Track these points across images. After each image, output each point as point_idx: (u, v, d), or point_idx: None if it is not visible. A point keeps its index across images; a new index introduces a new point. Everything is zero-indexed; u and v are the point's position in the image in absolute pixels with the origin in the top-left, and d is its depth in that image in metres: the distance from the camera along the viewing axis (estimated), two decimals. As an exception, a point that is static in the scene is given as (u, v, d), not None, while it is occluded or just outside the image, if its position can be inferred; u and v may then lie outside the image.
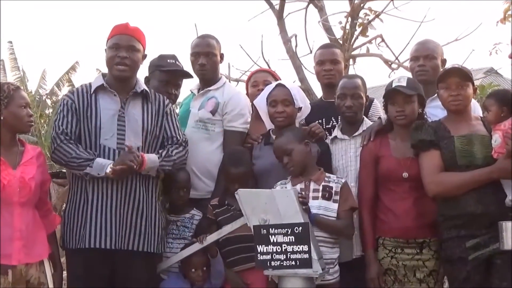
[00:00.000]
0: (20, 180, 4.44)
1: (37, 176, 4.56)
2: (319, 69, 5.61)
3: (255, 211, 4.28)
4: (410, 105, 4.68)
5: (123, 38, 4.77)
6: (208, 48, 5.42)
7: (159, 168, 4.76)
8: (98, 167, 4.59)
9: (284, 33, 8.94)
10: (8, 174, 4.42)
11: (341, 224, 4.63)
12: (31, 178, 4.50)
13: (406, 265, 4.59)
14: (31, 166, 4.57)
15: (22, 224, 4.42)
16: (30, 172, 4.52)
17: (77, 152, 4.64)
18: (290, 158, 4.68)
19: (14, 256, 4.36)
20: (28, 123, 4.53)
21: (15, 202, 4.41)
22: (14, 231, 4.39)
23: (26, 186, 4.46)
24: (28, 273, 4.43)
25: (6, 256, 4.34)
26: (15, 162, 4.51)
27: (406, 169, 4.65)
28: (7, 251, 4.35)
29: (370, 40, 8.84)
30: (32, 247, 4.47)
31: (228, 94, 5.38)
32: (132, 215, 4.67)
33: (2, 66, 24.27)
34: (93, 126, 4.71)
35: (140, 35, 4.87)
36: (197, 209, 5.16)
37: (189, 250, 4.77)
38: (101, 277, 4.64)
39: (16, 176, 4.44)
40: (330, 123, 5.35)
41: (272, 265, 4.21)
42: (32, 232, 4.49)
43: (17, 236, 4.39)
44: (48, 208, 4.78)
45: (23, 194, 4.44)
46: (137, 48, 4.79)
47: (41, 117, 20.65)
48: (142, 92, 4.86)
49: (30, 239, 4.46)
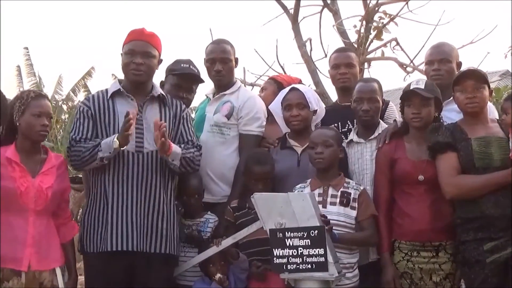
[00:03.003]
0: (37, 189, 4.46)
1: (56, 185, 4.57)
2: (334, 72, 5.61)
3: (271, 215, 4.28)
4: (426, 108, 4.68)
5: (138, 44, 4.78)
6: (223, 54, 5.42)
7: (182, 157, 4.74)
8: (106, 147, 4.60)
9: (299, 37, 8.93)
10: (26, 182, 4.44)
11: (365, 236, 4.67)
12: (48, 187, 4.51)
13: (422, 269, 4.58)
14: (51, 175, 4.58)
15: (35, 231, 4.44)
16: (49, 181, 4.54)
17: (85, 146, 4.67)
18: (325, 151, 4.68)
19: (24, 261, 4.38)
20: (39, 132, 4.51)
21: (30, 209, 4.43)
22: (28, 237, 4.41)
23: (42, 194, 4.47)
24: (41, 276, 4.45)
25: (16, 260, 4.36)
26: (35, 170, 4.53)
27: (421, 172, 4.64)
28: (18, 255, 4.37)
29: (385, 44, 8.81)
30: (45, 254, 4.49)
31: (243, 98, 5.39)
32: (152, 216, 4.69)
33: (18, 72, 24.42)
34: (111, 131, 4.72)
35: (156, 40, 4.88)
36: (212, 213, 5.16)
37: (205, 254, 4.76)
38: (120, 279, 4.64)
39: (34, 184, 4.46)
40: (346, 127, 5.35)
41: (288, 268, 4.20)
42: (46, 239, 4.51)
43: (30, 242, 4.41)
44: (67, 216, 4.80)
45: (39, 203, 4.46)
46: (152, 54, 4.80)
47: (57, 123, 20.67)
48: (159, 96, 4.87)
49: (43, 247, 4.47)
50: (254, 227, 4.50)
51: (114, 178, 4.68)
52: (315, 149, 4.71)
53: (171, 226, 4.77)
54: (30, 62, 24.50)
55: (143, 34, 4.84)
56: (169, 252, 4.74)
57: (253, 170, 4.92)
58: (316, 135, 4.80)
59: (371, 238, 4.71)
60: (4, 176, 4.41)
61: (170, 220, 4.77)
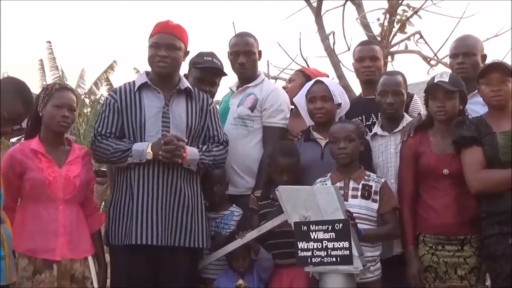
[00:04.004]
0: (65, 178, 4.51)
1: (82, 175, 4.62)
2: (359, 66, 5.61)
3: (295, 208, 4.27)
4: (451, 101, 4.65)
5: (163, 37, 4.78)
6: (246, 47, 5.43)
7: (199, 162, 4.77)
8: (137, 154, 4.64)
9: (322, 30, 8.91)
10: (53, 172, 4.49)
11: (389, 229, 4.67)
12: (76, 176, 4.56)
13: (447, 262, 4.56)
14: (77, 165, 4.63)
15: (66, 220, 4.49)
16: (75, 170, 4.59)
17: (114, 146, 4.70)
18: (348, 145, 4.68)
19: (58, 251, 4.42)
20: (59, 123, 4.53)
21: (59, 199, 4.48)
22: (59, 226, 4.45)
23: (70, 183, 4.52)
24: (72, 268, 4.49)
25: (50, 250, 4.41)
26: (61, 160, 4.58)
27: (446, 166, 4.62)
28: (51, 246, 4.42)
29: (408, 37, 8.76)
30: (77, 243, 4.53)
31: (266, 90, 5.39)
32: (178, 211, 4.69)
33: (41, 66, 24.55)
34: (138, 124, 4.75)
35: (182, 32, 4.87)
36: (236, 206, 5.17)
37: (230, 246, 4.77)
38: (145, 272, 4.67)
39: (61, 174, 4.51)
40: (370, 120, 5.36)
41: (313, 261, 4.20)
42: (77, 228, 4.56)
43: (61, 231, 4.46)
44: (94, 207, 4.85)
45: (67, 192, 4.51)
46: (177, 46, 4.80)
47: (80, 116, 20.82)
48: (186, 89, 4.88)
49: (74, 236, 4.52)
50: (278, 220, 4.50)
51: (139, 172, 4.69)
52: (338, 144, 4.70)
53: (197, 220, 4.77)
54: (53, 56, 24.63)
55: (168, 26, 4.84)
56: (194, 245, 4.75)
57: (279, 162, 4.91)
58: (337, 129, 4.78)
59: (394, 232, 4.71)
60: (31, 168, 4.47)
61: (195, 213, 4.77)
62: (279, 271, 4.85)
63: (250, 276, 4.85)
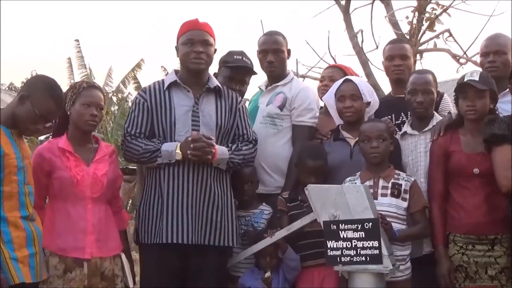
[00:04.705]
0: (92, 176, 4.53)
1: (110, 173, 4.64)
2: (388, 64, 5.58)
3: (324, 207, 4.27)
4: (481, 100, 4.61)
5: (197, 33, 4.80)
6: (275, 45, 5.42)
7: (229, 161, 4.78)
8: (166, 155, 4.66)
9: (350, 28, 8.88)
10: (81, 170, 4.51)
11: (419, 229, 4.66)
12: (103, 174, 4.58)
13: (477, 262, 4.53)
14: (104, 163, 4.65)
15: (94, 218, 4.51)
16: (103, 168, 4.60)
17: (143, 147, 4.72)
18: (380, 144, 4.67)
19: (87, 249, 4.45)
20: (87, 122, 4.54)
21: (87, 197, 4.50)
22: (87, 225, 4.48)
23: (98, 182, 4.54)
24: (102, 266, 4.51)
25: (79, 249, 4.44)
26: (88, 158, 4.60)
27: (477, 165, 4.59)
28: (80, 244, 4.44)
29: (437, 35, 8.71)
30: (106, 241, 4.56)
31: (296, 89, 5.39)
32: (207, 209, 4.71)
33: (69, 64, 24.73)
34: (168, 122, 4.77)
35: (211, 29, 4.89)
36: (266, 204, 5.18)
37: (259, 245, 4.78)
38: (174, 271, 4.69)
39: (89, 173, 4.53)
40: (400, 119, 5.33)
41: (342, 260, 4.20)
42: (105, 227, 4.58)
43: (90, 230, 4.48)
44: (119, 205, 4.88)
45: (95, 190, 4.53)
46: (210, 42, 4.82)
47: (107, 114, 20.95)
48: (215, 88, 4.89)
49: (103, 234, 4.55)
50: (307, 219, 4.51)
51: (169, 171, 4.71)
52: (370, 143, 4.69)
53: (226, 218, 4.78)
54: (81, 54, 24.84)
55: (199, 23, 4.86)
56: (223, 244, 4.76)
57: (306, 164, 4.91)
58: (369, 128, 4.77)
59: (424, 231, 4.70)
60: (59, 166, 4.49)
61: (225, 212, 4.78)
62: (310, 270, 4.85)
63: (276, 275, 4.85)
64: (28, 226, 4.16)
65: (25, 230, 4.13)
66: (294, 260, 4.81)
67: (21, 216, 4.13)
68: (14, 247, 4.05)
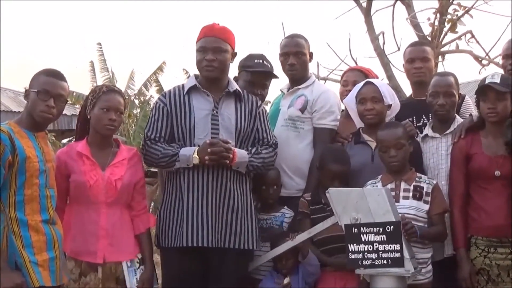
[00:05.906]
0: (107, 181, 4.53)
1: (126, 177, 4.62)
2: (409, 67, 5.57)
3: (346, 210, 4.27)
4: (502, 102, 4.59)
5: (209, 41, 4.79)
6: (297, 47, 5.43)
7: (248, 164, 4.79)
8: (184, 159, 4.68)
9: (372, 30, 8.85)
10: (96, 175, 4.52)
11: (438, 231, 4.63)
12: (118, 179, 4.57)
13: (499, 265, 4.51)
14: (121, 167, 4.63)
15: (108, 223, 4.53)
16: (119, 173, 4.59)
17: (162, 151, 4.75)
18: (399, 153, 4.66)
19: (99, 253, 4.48)
20: (106, 126, 4.54)
21: (101, 202, 4.52)
22: (100, 229, 4.50)
23: (112, 187, 4.54)
24: (117, 271, 4.54)
25: (91, 253, 4.47)
26: (105, 162, 4.60)
27: (498, 167, 4.57)
28: (92, 248, 4.47)
29: (459, 37, 8.65)
30: (119, 246, 4.56)
31: (317, 91, 5.39)
32: (227, 213, 4.72)
33: (92, 67, 24.85)
34: (187, 126, 4.78)
35: (228, 34, 4.88)
36: (287, 207, 5.18)
37: (280, 248, 4.78)
38: (195, 274, 4.71)
39: (104, 177, 4.53)
40: (421, 121, 5.31)
41: (364, 264, 4.19)
42: (120, 231, 4.59)
43: (102, 234, 4.50)
44: (142, 208, 4.80)
45: (109, 195, 4.54)
46: (224, 49, 4.80)
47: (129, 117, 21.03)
48: (235, 92, 4.90)
49: (116, 238, 4.55)
50: (329, 222, 4.50)
51: (189, 175, 4.72)
52: (388, 153, 4.68)
53: (246, 221, 4.79)
54: (103, 57, 24.91)
55: (214, 29, 4.85)
56: (243, 247, 4.77)
57: (330, 168, 4.90)
58: (386, 137, 4.73)
59: (441, 235, 4.69)
60: (75, 170, 4.52)
61: (245, 215, 4.79)
62: (333, 273, 4.84)
63: (295, 278, 4.85)
64: (48, 230, 4.19)
65: (45, 234, 4.16)
66: (314, 265, 4.81)
67: (42, 219, 4.16)
68: (34, 251, 4.08)
